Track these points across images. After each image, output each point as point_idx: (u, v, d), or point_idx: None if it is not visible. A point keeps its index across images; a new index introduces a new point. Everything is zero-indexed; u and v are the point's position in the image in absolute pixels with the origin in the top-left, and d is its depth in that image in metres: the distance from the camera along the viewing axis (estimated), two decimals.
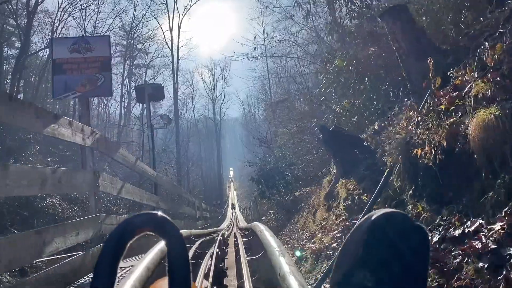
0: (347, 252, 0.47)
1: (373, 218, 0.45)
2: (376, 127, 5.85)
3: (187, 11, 40.22)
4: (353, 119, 7.77)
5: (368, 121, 7.20)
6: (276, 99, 29.44)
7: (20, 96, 22.50)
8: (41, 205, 16.60)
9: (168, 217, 0.48)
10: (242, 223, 23.61)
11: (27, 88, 26.35)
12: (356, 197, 5.47)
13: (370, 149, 5.68)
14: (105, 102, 38.26)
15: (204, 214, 16.34)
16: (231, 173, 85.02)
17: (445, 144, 3.31)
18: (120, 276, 2.12)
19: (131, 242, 0.47)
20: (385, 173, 4.12)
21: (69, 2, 26.72)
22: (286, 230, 13.96)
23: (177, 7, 45.03)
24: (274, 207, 19.34)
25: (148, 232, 0.48)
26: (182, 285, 0.46)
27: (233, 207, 50.76)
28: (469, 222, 3.02)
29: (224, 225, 23.43)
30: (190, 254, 3.89)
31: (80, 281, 2.94)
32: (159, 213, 0.49)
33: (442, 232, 3.13)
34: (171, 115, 45.12)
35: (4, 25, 21.28)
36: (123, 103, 37.52)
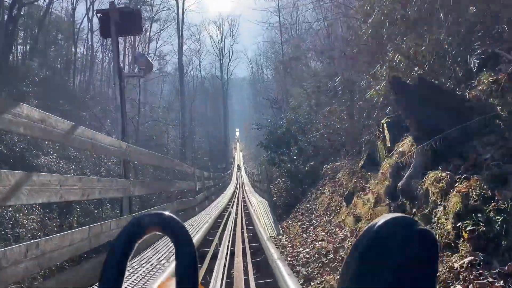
0: (353, 260, 0.44)
1: (378, 224, 0.43)
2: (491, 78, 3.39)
3: None
4: (416, 71, 5.24)
5: (450, 71, 4.71)
6: (289, 55, 26.29)
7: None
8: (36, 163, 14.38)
9: (176, 217, 0.47)
10: (249, 190, 21.81)
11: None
12: (499, 220, 2.53)
13: (492, 121, 3.22)
14: (110, 55, 35.65)
15: (206, 183, 14.22)
16: (237, 133, 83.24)
17: None
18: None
19: (140, 241, 0.47)
20: None
21: None
22: (301, 208, 11.74)
23: None
24: (284, 175, 17.25)
25: (156, 232, 0.48)
26: (189, 285, 0.45)
27: (238, 168, 49.65)
28: None
29: (227, 192, 21.62)
30: None
31: None
32: (167, 212, 0.48)
33: None
34: (176, 73, 41.81)
35: None
36: (127, 58, 35.18)
